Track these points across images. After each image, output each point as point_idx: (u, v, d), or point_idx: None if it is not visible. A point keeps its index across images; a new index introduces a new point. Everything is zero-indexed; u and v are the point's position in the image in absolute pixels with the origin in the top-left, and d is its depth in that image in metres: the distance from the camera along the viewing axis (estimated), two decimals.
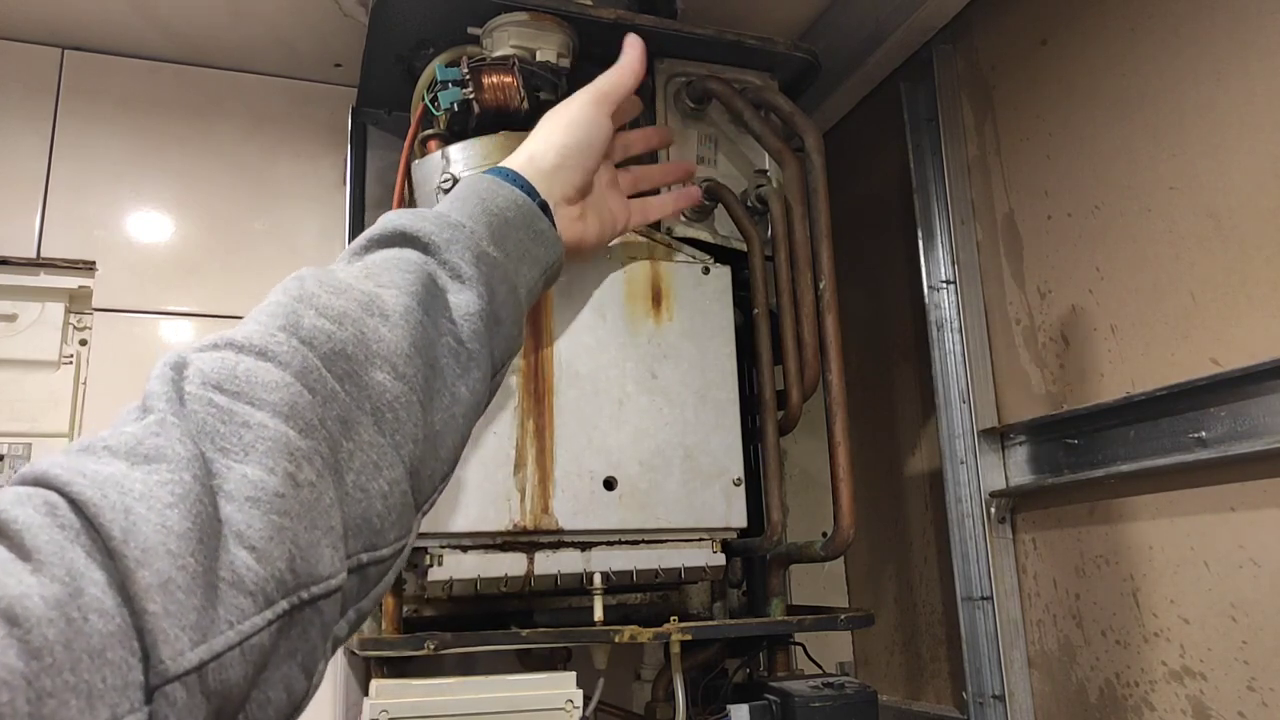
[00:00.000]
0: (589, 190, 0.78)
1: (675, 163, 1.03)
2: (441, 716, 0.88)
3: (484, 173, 0.68)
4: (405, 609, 1.00)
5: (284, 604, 0.39)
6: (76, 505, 0.34)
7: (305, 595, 0.40)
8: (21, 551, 0.32)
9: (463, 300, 0.56)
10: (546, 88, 1.06)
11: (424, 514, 0.53)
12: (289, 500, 0.40)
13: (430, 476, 0.52)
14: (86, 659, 0.30)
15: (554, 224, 0.70)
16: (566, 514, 0.93)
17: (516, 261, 0.63)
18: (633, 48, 0.85)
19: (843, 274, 1.11)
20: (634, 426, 0.98)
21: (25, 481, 0.36)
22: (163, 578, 0.33)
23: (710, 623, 1.08)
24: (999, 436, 1.23)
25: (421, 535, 0.89)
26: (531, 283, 0.65)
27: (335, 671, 1.24)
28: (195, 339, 0.50)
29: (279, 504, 0.39)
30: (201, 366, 0.44)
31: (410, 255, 0.56)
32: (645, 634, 0.95)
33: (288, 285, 0.51)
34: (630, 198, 0.89)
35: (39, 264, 1.28)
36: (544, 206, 0.69)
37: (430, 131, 1.07)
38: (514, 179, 0.68)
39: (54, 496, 0.34)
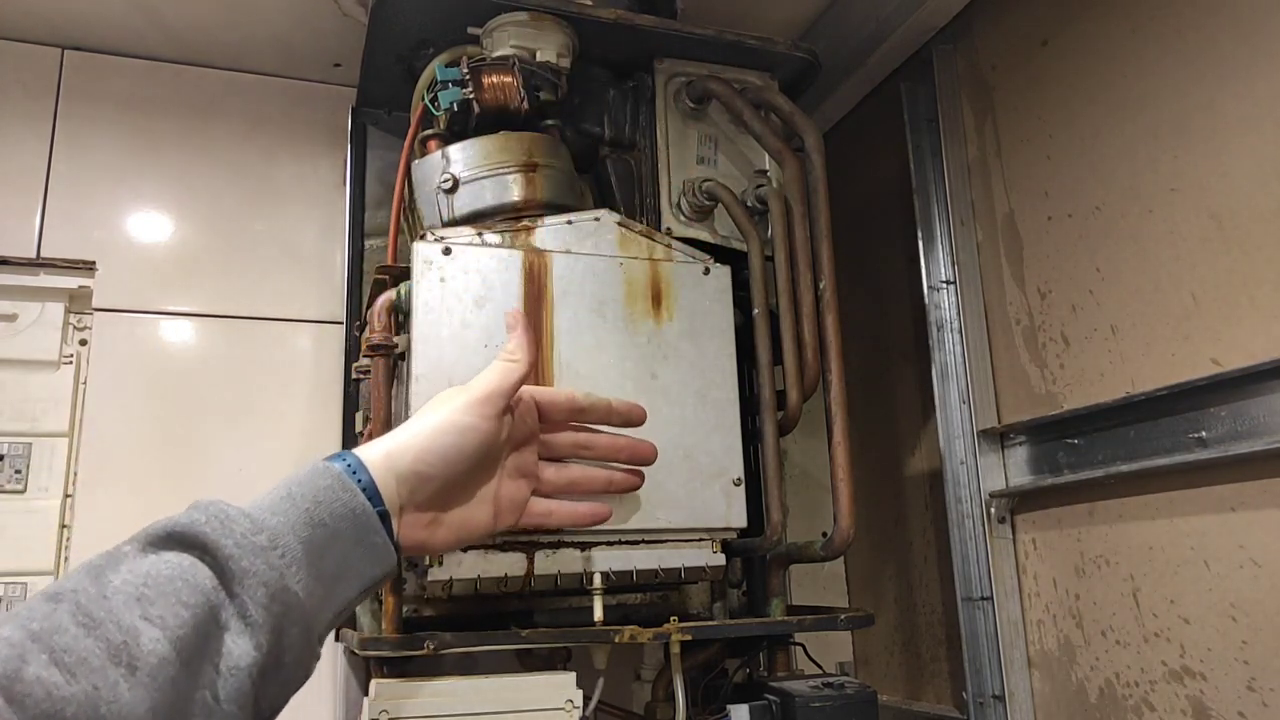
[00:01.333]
0: (452, 500, 0.67)
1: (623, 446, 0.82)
2: (441, 716, 0.88)
3: (329, 461, 0.59)
4: (405, 609, 1.00)
5: None
6: None
7: None
8: None
9: (237, 649, 0.50)
10: (546, 88, 1.06)
11: None
12: None
13: None
14: None
15: (392, 535, 0.61)
16: None
17: (330, 583, 0.56)
18: (515, 330, 0.74)
19: (843, 274, 1.11)
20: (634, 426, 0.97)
21: None
22: None
23: (710, 623, 1.08)
24: (999, 437, 1.23)
25: None
26: (344, 603, 0.58)
27: (335, 671, 1.24)
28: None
29: None
30: None
31: (199, 579, 0.49)
32: (645, 634, 0.95)
33: (34, 611, 0.45)
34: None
35: (39, 264, 1.28)
36: (384, 515, 0.60)
37: (430, 131, 1.07)
38: (359, 478, 0.59)
39: None
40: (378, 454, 0.63)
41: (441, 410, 0.67)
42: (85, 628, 0.44)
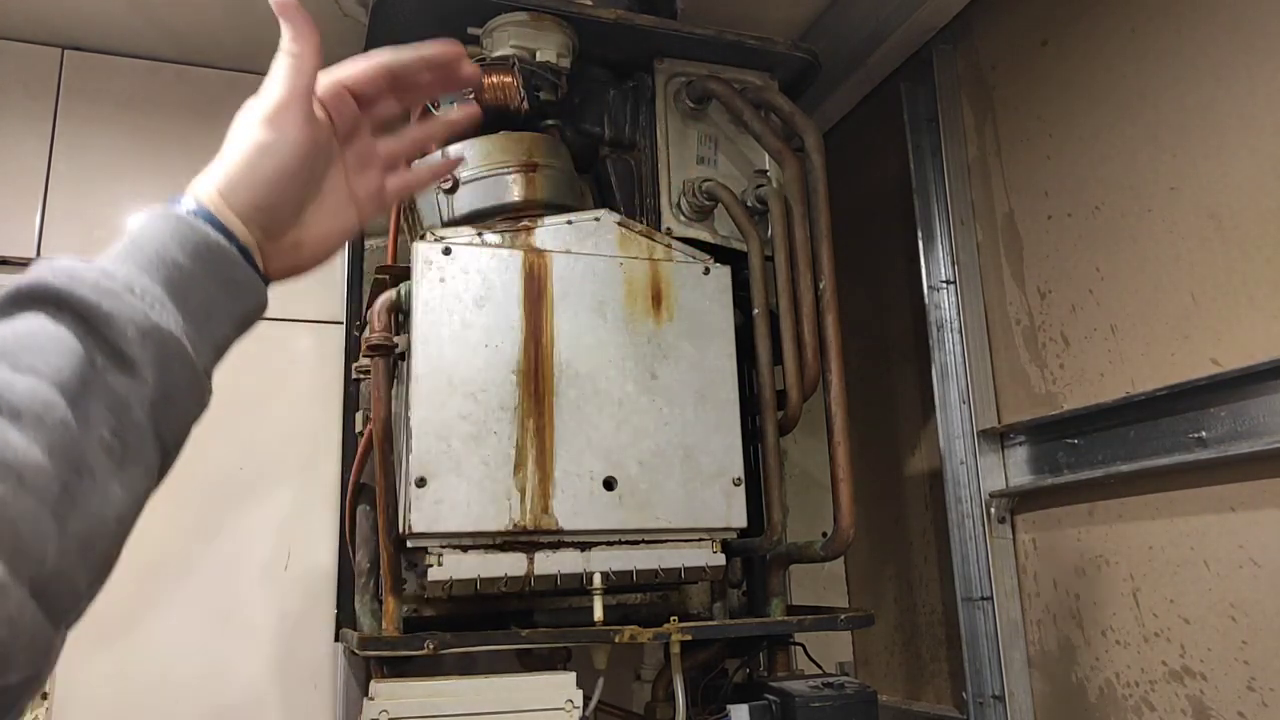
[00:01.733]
0: (306, 216, 0.64)
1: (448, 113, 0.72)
2: (441, 716, 0.88)
3: (170, 207, 0.57)
4: (405, 609, 1.00)
5: None
6: None
7: None
8: None
9: (122, 387, 0.49)
10: (546, 87, 1.06)
11: (71, 625, 0.47)
12: None
13: (74, 587, 0.47)
14: None
15: (257, 267, 0.59)
16: (566, 514, 0.93)
17: (201, 322, 0.55)
18: (286, 16, 0.64)
19: (843, 274, 1.11)
20: (634, 426, 0.97)
21: None
22: None
23: (710, 623, 1.08)
24: (999, 437, 1.23)
25: (422, 535, 0.89)
26: (221, 339, 0.57)
27: (335, 672, 1.24)
28: None
29: None
30: None
31: (61, 332, 0.48)
32: (645, 634, 0.95)
33: None
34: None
35: None
36: (245, 252, 0.59)
37: None
38: (204, 217, 0.57)
39: None
40: (209, 192, 0.59)
41: (245, 135, 0.62)
42: None
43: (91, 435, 0.48)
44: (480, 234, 0.98)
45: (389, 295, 0.98)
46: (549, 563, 0.94)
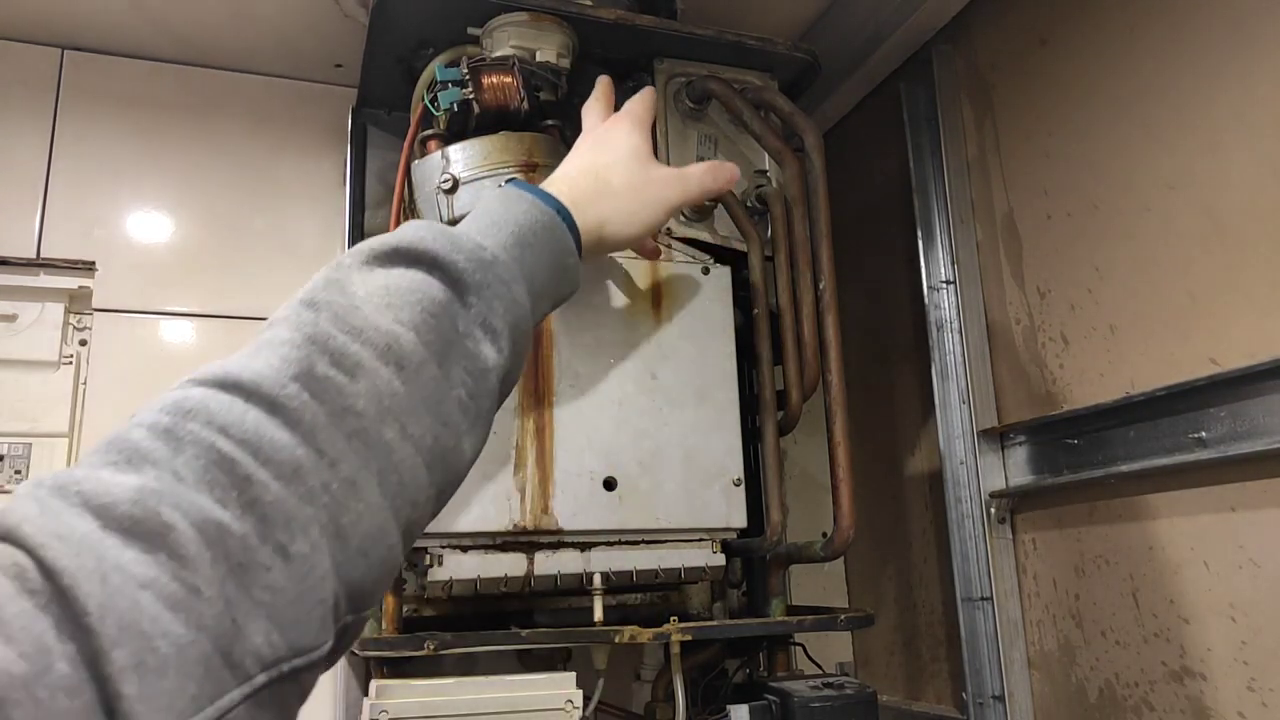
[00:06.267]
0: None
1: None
2: (441, 716, 0.88)
3: (518, 188, 0.64)
4: (405, 609, 1.00)
5: (262, 678, 0.37)
6: (47, 571, 0.32)
7: (286, 668, 0.38)
8: None
9: (482, 354, 0.53)
10: (546, 88, 1.06)
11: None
12: (275, 573, 0.38)
13: (416, 536, 0.50)
14: None
15: (580, 255, 0.66)
16: (566, 514, 0.93)
17: (536, 300, 0.59)
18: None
19: (843, 274, 1.11)
20: (634, 426, 0.98)
21: None
22: (137, 658, 0.32)
23: (710, 623, 1.08)
24: (999, 437, 1.23)
25: (422, 535, 0.89)
26: (540, 319, 0.62)
27: (335, 671, 1.24)
28: (201, 359, 0.46)
29: (264, 578, 0.37)
30: (209, 405, 0.41)
31: (434, 289, 0.51)
32: (645, 634, 0.95)
33: (299, 319, 0.47)
34: None
35: (39, 264, 1.28)
36: (577, 240, 0.65)
37: (430, 131, 1.07)
38: (554, 205, 0.64)
39: (22, 558, 0.32)
40: (561, 189, 0.67)
41: (601, 162, 0.76)
42: (350, 334, 0.46)
43: (453, 394, 0.51)
44: None
45: None
46: (549, 563, 0.94)
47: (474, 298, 0.53)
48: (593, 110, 0.88)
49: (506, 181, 0.69)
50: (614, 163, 0.76)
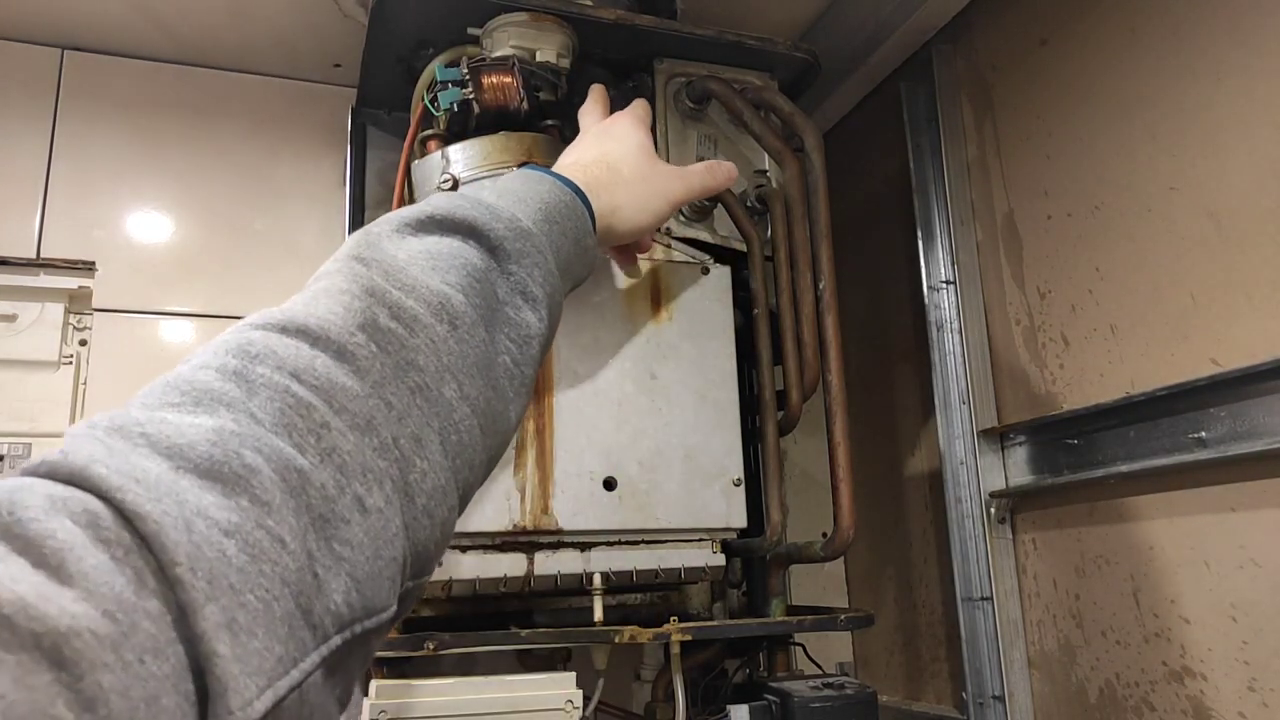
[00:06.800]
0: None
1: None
2: (441, 716, 0.88)
3: (536, 170, 0.64)
4: None
5: (338, 639, 0.35)
6: (127, 518, 0.29)
7: (359, 629, 0.36)
8: (61, 575, 0.26)
9: (525, 320, 0.52)
10: (546, 88, 1.06)
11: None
12: (354, 528, 0.36)
13: (468, 501, 0.49)
14: (143, 708, 0.26)
15: (596, 238, 0.66)
16: (566, 514, 0.93)
17: (560, 277, 0.59)
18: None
19: (843, 274, 1.11)
20: (634, 426, 0.97)
21: (57, 476, 0.30)
22: (229, 615, 0.29)
23: (710, 623, 1.08)
24: (999, 437, 1.23)
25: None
26: (564, 296, 0.62)
27: None
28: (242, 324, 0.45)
29: (343, 531, 0.35)
30: (276, 350, 0.38)
31: (473, 256, 0.50)
32: (645, 634, 0.95)
33: (353, 271, 0.45)
34: None
35: (39, 264, 1.28)
36: (594, 222, 0.66)
37: (430, 132, 1.07)
38: (572, 186, 0.64)
39: (95, 504, 0.29)
40: (577, 174, 0.67)
41: (611, 148, 0.77)
42: (404, 290, 0.45)
43: (500, 360, 0.50)
44: None
45: None
46: (549, 563, 0.94)
47: (514, 265, 0.52)
48: (590, 113, 0.90)
49: (518, 166, 0.71)
50: (624, 154, 0.77)
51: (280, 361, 0.38)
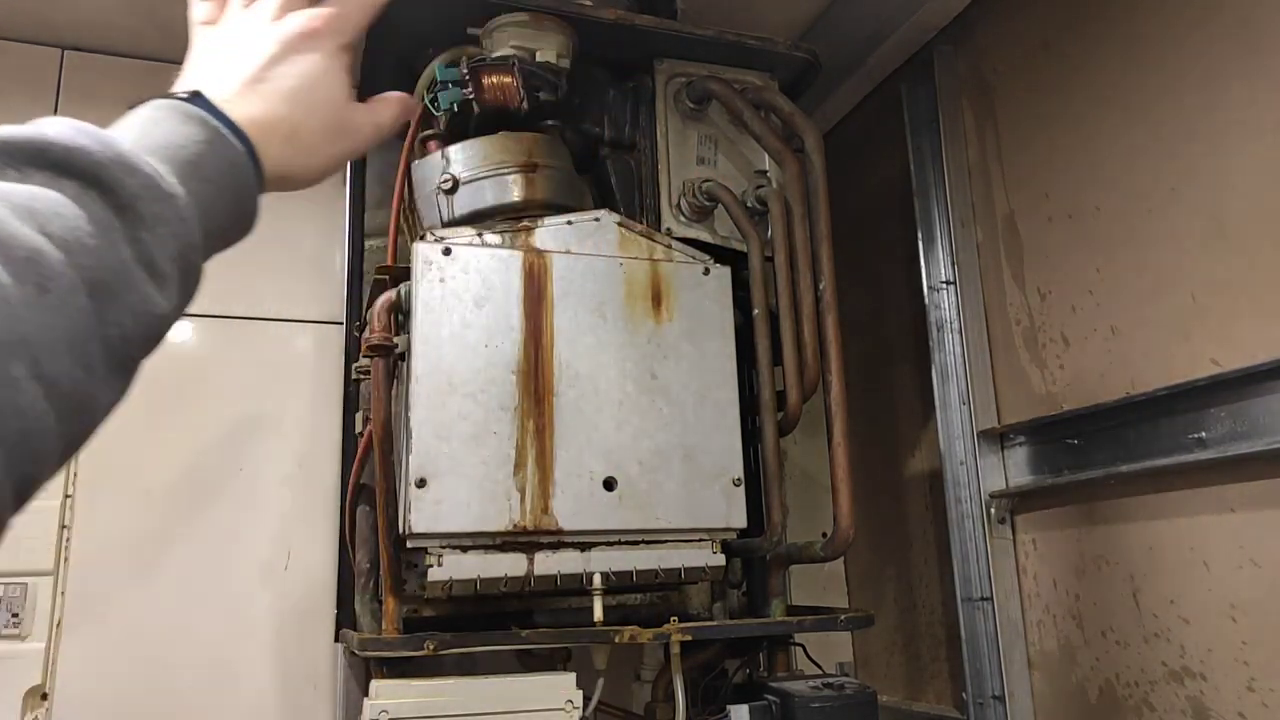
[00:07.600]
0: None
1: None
2: (441, 716, 0.88)
3: (186, 104, 0.52)
4: (405, 609, 1.00)
5: None
6: None
7: None
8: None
9: (146, 296, 0.44)
10: (546, 88, 1.06)
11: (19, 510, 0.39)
12: None
13: (34, 494, 0.39)
14: None
15: (260, 173, 0.56)
16: (566, 514, 0.93)
17: (208, 244, 0.50)
18: None
19: (843, 274, 1.11)
20: (634, 426, 0.97)
21: None
22: None
23: (710, 623, 1.08)
24: (999, 437, 1.23)
25: (422, 536, 0.89)
26: (206, 260, 0.51)
27: (335, 672, 1.24)
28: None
29: None
30: None
31: (96, 210, 0.41)
32: (645, 634, 0.95)
33: None
34: None
35: None
36: (260, 179, 0.56)
37: (430, 132, 1.07)
38: (239, 135, 0.53)
39: None
40: (245, 118, 0.54)
41: (276, 48, 0.57)
42: None
43: (101, 333, 0.42)
44: (480, 234, 0.98)
45: (389, 295, 0.98)
46: (549, 563, 0.93)
47: (145, 233, 0.43)
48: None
49: (188, 97, 0.53)
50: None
51: None
